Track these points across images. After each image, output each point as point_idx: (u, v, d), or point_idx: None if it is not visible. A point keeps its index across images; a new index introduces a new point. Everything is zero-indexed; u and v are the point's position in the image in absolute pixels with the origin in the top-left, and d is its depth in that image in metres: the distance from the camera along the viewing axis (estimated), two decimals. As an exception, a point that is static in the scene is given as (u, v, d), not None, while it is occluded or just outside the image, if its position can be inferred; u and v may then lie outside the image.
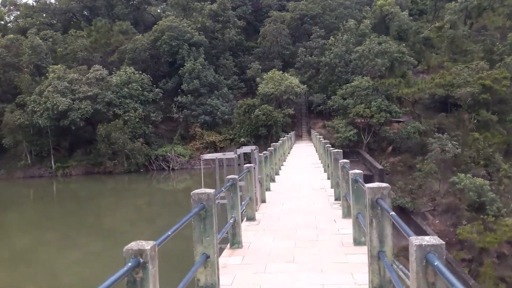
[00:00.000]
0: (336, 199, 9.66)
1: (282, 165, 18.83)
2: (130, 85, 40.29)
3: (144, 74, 42.56)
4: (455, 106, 43.76)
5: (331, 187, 11.35)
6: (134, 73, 41.36)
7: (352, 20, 47.63)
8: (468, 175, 33.45)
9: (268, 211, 9.13)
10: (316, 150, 25.85)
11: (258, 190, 9.39)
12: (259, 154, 9.64)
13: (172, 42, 44.27)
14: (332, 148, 11.52)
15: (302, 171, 16.29)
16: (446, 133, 37.61)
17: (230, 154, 9.35)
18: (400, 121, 43.27)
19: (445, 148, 35.99)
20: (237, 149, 8.89)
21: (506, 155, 39.04)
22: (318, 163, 19.40)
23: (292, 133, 38.49)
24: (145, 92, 41.17)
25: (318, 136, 22.52)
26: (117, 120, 38.22)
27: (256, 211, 8.79)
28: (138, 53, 45.08)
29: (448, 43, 53.23)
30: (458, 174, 33.61)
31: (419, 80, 43.94)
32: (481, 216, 31.02)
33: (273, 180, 13.41)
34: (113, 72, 42.55)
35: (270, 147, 16.86)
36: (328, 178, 13.15)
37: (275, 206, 9.67)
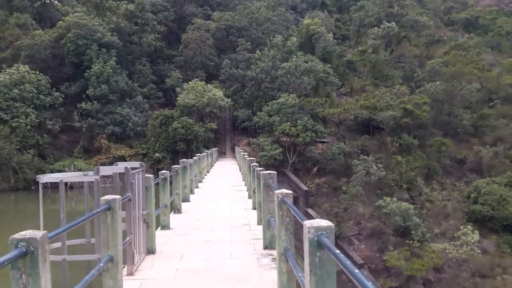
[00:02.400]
0: (266, 247, 6.16)
1: (197, 187, 15.12)
2: (22, 86, 33.66)
3: (42, 75, 36.13)
4: (377, 129, 43.77)
5: (258, 223, 7.96)
6: (28, 73, 34.77)
7: (279, 36, 46.01)
8: (394, 198, 32.60)
9: (153, 273, 5.27)
10: (240, 169, 22.52)
11: (142, 233, 5.59)
12: (147, 175, 5.84)
13: (79, 41, 38.55)
14: (261, 168, 8.14)
15: (221, 196, 12.71)
16: (370, 156, 36.83)
17: (105, 170, 5.19)
18: (324, 142, 42.04)
19: (370, 170, 35.02)
20: (109, 166, 5.42)
21: (427, 179, 39.31)
22: (241, 185, 15.97)
23: (215, 149, 34.92)
24: (41, 96, 34.68)
25: (242, 153, 19.16)
26: (1, 126, 31.45)
27: (133, 273, 4.95)
28: (37, 50, 38.57)
29: (370, 67, 54.18)
30: (384, 197, 32.66)
31: (344, 102, 43.31)
32: (407, 242, 30.17)
33: (178, 211, 9.64)
34: (2, 70, 35.64)
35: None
36: (254, 208, 9.78)
37: (168, 262, 5.81)
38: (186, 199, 11.37)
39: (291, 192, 4.22)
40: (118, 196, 4.31)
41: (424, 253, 28.15)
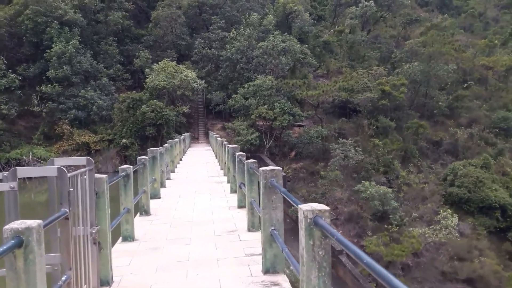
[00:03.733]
0: (267, 271, 4.49)
1: (169, 178, 13.40)
2: (-28, 67, 30.48)
3: (-4, 55, 32.94)
4: (354, 112, 42.96)
5: (249, 229, 6.43)
6: (-21, 52, 31.56)
7: (255, 14, 43.94)
8: (372, 182, 31.97)
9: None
10: (216, 156, 20.88)
11: (90, 260, 3.93)
12: (99, 176, 4.09)
13: (38, 18, 35.29)
14: (252, 161, 6.52)
15: (198, 190, 10.99)
16: (349, 139, 35.95)
17: (27, 172, 3.40)
18: (301, 125, 40.89)
19: (348, 154, 34.17)
20: (36, 167, 3.82)
21: (403, 161, 38.90)
22: (219, 174, 14.34)
23: (187, 134, 33.05)
24: (-6, 78, 31.68)
25: (220, 139, 17.43)
26: (-52, 111, 28.52)
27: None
28: (-10, 28, 35.26)
29: (347, 48, 53.02)
30: (363, 182, 31.95)
31: (321, 84, 42.07)
32: (386, 226, 29.69)
33: (146, 212, 7.94)
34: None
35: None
36: (241, 206, 8.25)
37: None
38: (155, 195, 9.68)
39: (327, 208, 2.74)
40: (35, 222, 2.65)
41: (404, 238, 27.72)
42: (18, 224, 2.49)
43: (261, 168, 4.59)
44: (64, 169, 3.73)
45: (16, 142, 32.74)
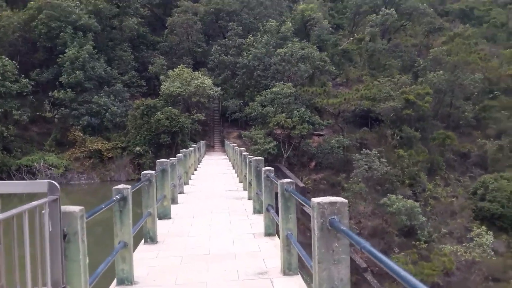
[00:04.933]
0: None
1: (182, 192, 11.87)
2: (-17, 71, 29.71)
3: (8, 59, 32.10)
4: (376, 121, 41.21)
5: (285, 272, 4.80)
6: (-8, 56, 30.81)
7: (273, 21, 42.68)
8: (399, 196, 30.15)
9: None
10: (234, 166, 19.38)
11: None
12: (70, 209, 2.61)
13: (52, 23, 34.56)
14: (288, 181, 4.87)
15: (215, 209, 9.20)
16: (373, 150, 34.19)
17: None
18: (320, 135, 39.26)
19: (373, 165, 32.34)
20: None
21: (430, 174, 36.93)
22: (238, 188, 12.77)
23: (202, 142, 31.70)
24: (6, 83, 30.75)
25: (238, 149, 15.80)
26: (-41, 116, 27.67)
27: None
28: (5, 33, 34.55)
29: (367, 56, 51.43)
30: (389, 195, 30.17)
31: (342, 92, 40.45)
32: (413, 243, 27.83)
33: (152, 239, 6.38)
34: (-37, 54, 31.58)
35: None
36: (268, 234, 6.67)
37: None
38: (165, 215, 8.14)
39: None
40: None
41: (434, 256, 25.86)
42: None
43: (314, 199, 2.99)
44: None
45: (28, 148, 31.81)
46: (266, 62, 37.93)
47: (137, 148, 30.63)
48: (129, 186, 4.56)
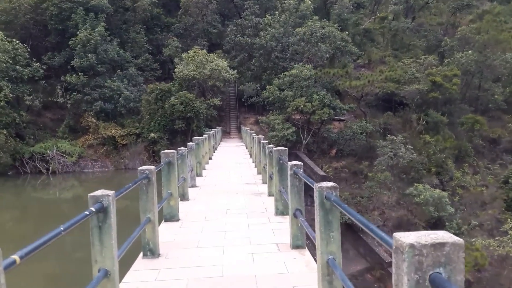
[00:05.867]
0: None
1: (194, 185, 10.60)
2: (-6, 56, 28.80)
3: (19, 43, 31.16)
4: (400, 105, 39.15)
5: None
6: (2, 40, 29.80)
7: (291, -1, 40.63)
8: (427, 185, 28.46)
9: None
10: (251, 155, 18.06)
11: None
12: None
13: (63, 4, 33.38)
14: (331, 185, 3.54)
15: (230, 209, 7.92)
16: (398, 136, 32.36)
17: None
18: (341, 120, 37.54)
19: (398, 153, 30.57)
20: None
21: (457, 161, 34.90)
22: (257, 181, 11.44)
23: (218, 129, 30.46)
24: (18, 67, 29.86)
25: (256, 136, 14.29)
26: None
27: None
28: (15, 15, 33.61)
29: (390, 36, 48.92)
30: (415, 184, 28.49)
31: (365, 73, 38.39)
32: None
33: (152, 252, 5.11)
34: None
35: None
36: (297, 247, 5.36)
37: None
38: (172, 217, 6.90)
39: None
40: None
41: (465, 250, 24.17)
42: None
43: (400, 236, 1.61)
44: None
45: (41, 135, 31.09)
46: (284, 43, 36.12)
47: (151, 134, 29.55)
48: (110, 194, 3.26)
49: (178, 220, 6.92)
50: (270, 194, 8.74)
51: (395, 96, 37.56)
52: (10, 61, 29.50)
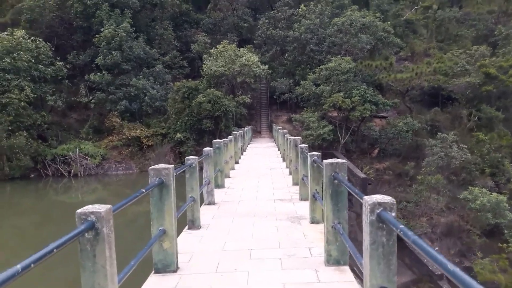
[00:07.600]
0: None
1: (213, 201, 8.25)
2: (16, 55, 27.72)
3: (42, 41, 30.07)
4: (448, 100, 35.67)
5: None
6: (24, 38, 28.77)
7: (327, -13, 37.86)
8: (483, 189, 25.10)
9: None
10: (284, 159, 15.63)
11: None
12: None
13: (87, 0, 32.20)
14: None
15: (256, 258, 4.90)
16: (451, 133, 29.10)
17: None
18: (384, 117, 34.46)
19: (450, 152, 27.27)
20: None
21: (513, 161, 31.07)
22: (291, 197, 8.93)
23: (248, 128, 28.21)
24: (40, 66, 28.74)
25: (291, 137, 11.70)
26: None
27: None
28: (40, 13, 32.69)
29: (435, 27, 45.11)
30: (470, 188, 25.20)
31: (410, 66, 35.08)
32: (500, 245, 22.88)
33: (166, 268, 2.85)
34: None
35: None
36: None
37: None
38: (166, 267, 4.54)
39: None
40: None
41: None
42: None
43: None
44: None
45: (64, 136, 29.91)
46: (320, 35, 33.38)
47: (178, 135, 27.65)
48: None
49: (174, 271, 4.43)
50: (313, 221, 6.26)
51: (442, 91, 34.20)
52: (33, 60, 28.40)
